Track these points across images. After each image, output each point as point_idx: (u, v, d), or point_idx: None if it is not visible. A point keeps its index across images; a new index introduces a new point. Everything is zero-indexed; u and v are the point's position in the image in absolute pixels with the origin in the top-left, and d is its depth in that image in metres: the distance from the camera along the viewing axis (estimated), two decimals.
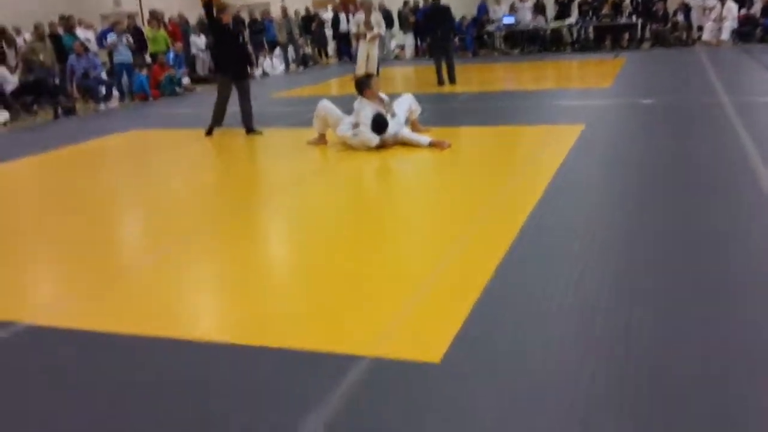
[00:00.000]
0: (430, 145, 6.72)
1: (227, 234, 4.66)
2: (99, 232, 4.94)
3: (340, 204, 5.41)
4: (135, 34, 14.09)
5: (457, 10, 18.21)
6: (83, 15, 15.67)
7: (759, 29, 15.95)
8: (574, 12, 17.68)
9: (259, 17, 17.69)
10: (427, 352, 2.74)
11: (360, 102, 6.98)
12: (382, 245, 4.24)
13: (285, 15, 17.88)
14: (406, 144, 6.87)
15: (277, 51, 17.63)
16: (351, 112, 7.08)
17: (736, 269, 3.40)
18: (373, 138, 6.75)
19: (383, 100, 7.08)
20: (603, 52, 16.39)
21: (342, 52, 18.84)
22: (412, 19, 18.41)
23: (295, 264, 4.17)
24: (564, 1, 17.80)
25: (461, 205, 4.92)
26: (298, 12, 19.00)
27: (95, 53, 13.69)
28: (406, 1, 19.07)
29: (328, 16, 19.55)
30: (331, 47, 19.98)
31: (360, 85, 7.12)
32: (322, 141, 7.34)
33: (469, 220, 4.48)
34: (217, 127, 8.53)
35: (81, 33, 14.07)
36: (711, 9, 15.79)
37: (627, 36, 17.01)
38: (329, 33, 19.29)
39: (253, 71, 8.56)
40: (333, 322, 3.13)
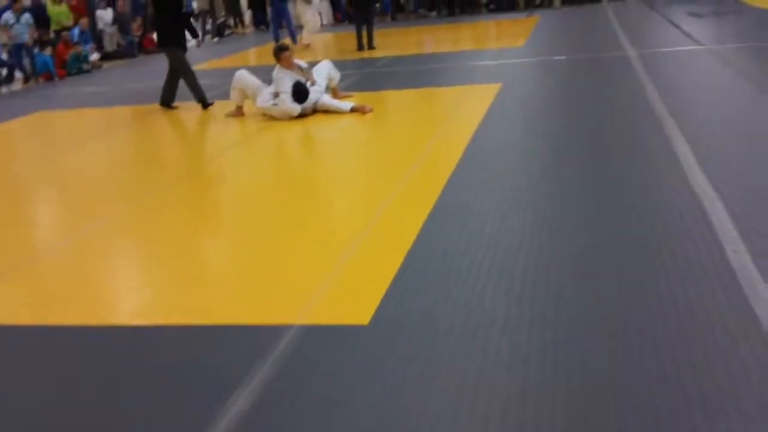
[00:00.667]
0: (352, 110, 6.71)
1: (145, 213, 4.54)
2: (9, 215, 4.73)
3: (263, 175, 5.35)
4: (37, 10, 13.33)
5: None
6: None
7: None
8: None
9: None
10: (355, 315, 2.77)
11: (278, 71, 6.87)
12: (307, 213, 4.23)
13: None
14: (328, 111, 6.83)
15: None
16: (271, 82, 6.97)
17: (642, 211, 3.57)
18: (294, 107, 6.68)
19: (302, 68, 6.99)
20: (517, 12, 16.64)
21: (259, 21, 18.40)
22: None
23: (219, 238, 4.11)
24: None
25: (385, 169, 4.95)
26: None
27: None
28: None
29: None
30: (247, 16, 19.47)
31: (277, 53, 7.00)
32: (240, 113, 7.18)
33: (393, 182, 4.52)
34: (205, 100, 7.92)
35: None
36: None
37: None
38: (244, 0, 18.78)
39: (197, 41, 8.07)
40: (261, 294, 3.12)
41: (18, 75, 12.52)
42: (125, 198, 4.92)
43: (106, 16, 15.48)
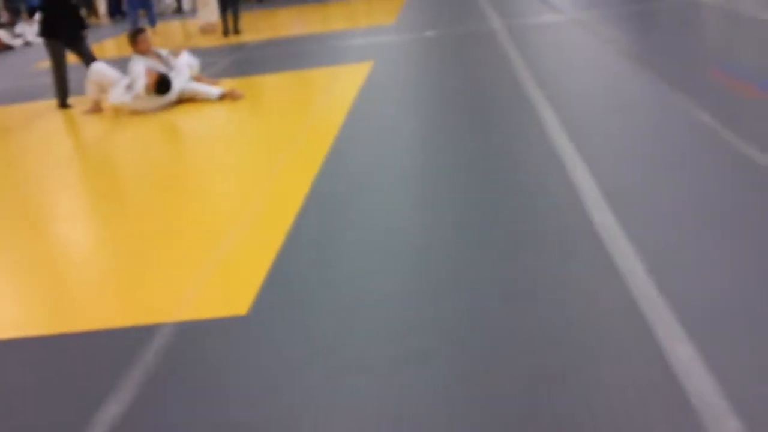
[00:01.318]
0: (222, 97, 6.49)
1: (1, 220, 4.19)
2: None
3: (127, 171, 5.08)
4: None
5: None
6: None
7: None
8: None
9: None
10: (233, 306, 2.68)
11: (133, 59, 6.51)
12: (178, 207, 4.05)
13: None
14: (195, 99, 6.57)
15: (38, 16, 15.84)
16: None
17: (519, 178, 3.67)
18: (156, 98, 6.36)
19: (160, 55, 6.66)
20: None
21: (114, 11, 17.44)
22: None
23: (85, 242, 3.85)
24: None
25: (259, 156, 4.83)
26: None
27: None
28: None
29: None
30: (102, 5, 18.39)
31: (132, 37, 6.63)
32: (97, 108, 6.72)
33: (267, 169, 4.40)
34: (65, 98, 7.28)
35: None
36: None
37: None
38: None
39: (85, 33, 7.31)
40: (134, 295, 2.95)
41: None
42: None
43: None
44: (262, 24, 12.67)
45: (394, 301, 2.56)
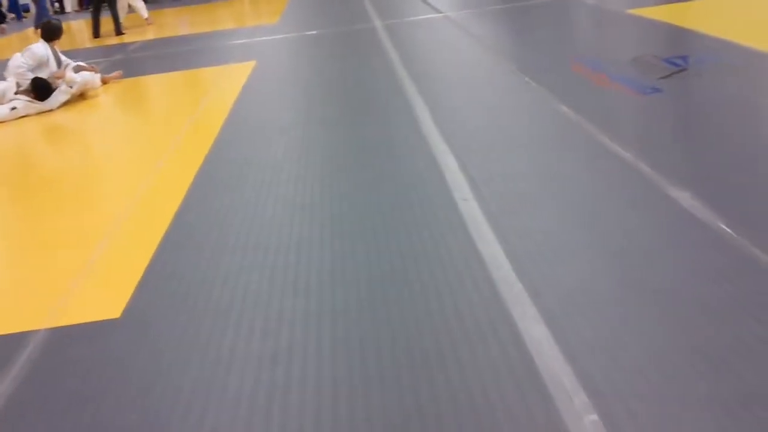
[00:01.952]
0: (103, 81, 6.45)
1: None
2: None
3: (3, 173, 4.86)
4: None
5: None
6: None
7: None
8: None
9: None
10: (106, 310, 2.67)
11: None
12: (52, 208, 3.93)
13: None
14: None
15: None
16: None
17: (391, 167, 3.82)
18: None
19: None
20: None
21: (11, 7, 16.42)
22: None
23: None
24: None
25: (138, 156, 4.76)
26: None
27: None
28: None
29: None
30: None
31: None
32: None
33: (146, 169, 4.35)
34: None
35: None
36: None
37: None
38: None
39: None
40: (4, 301, 2.88)
41: None
42: None
43: None
44: (145, 25, 12.30)
45: (269, 297, 2.62)
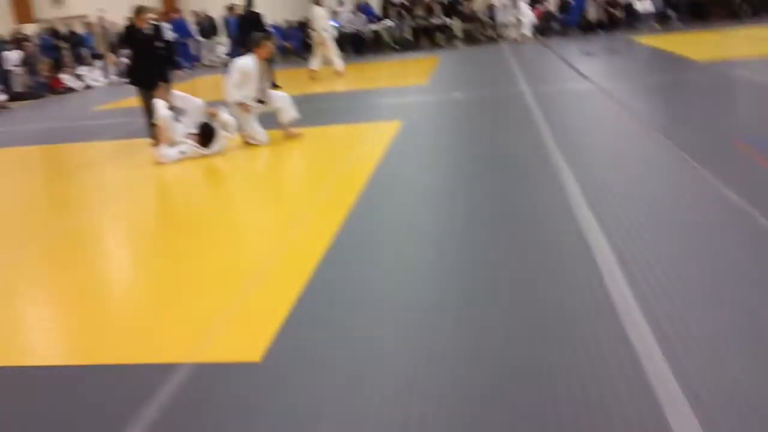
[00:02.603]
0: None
1: (42, 252, 4.38)
2: None
3: (165, 212, 5.28)
4: None
5: (284, 14, 18.31)
6: None
7: (556, 24, 17.50)
8: (392, 14, 18.33)
9: (78, 30, 16.87)
10: (247, 352, 2.76)
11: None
12: (205, 251, 4.17)
13: (103, 27, 16.99)
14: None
15: (99, 63, 16.79)
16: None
17: (536, 242, 3.72)
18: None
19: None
20: (420, 51, 17.15)
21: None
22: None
23: (117, 276, 4.02)
24: (382, 5, 18.44)
25: (286, 204, 5.01)
26: (115, 24, 18.03)
27: None
28: (230, 6, 18.71)
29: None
30: None
31: (255, 44, 7.03)
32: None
33: (293, 218, 4.54)
34: None
35: None
36: (509, 7, 17.13)
37: (440, 35, 17.96)
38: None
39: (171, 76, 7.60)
40: (154, 332, 3.07)
41: None
42: (25, 235, 4.72)
43: (12, 57, 15.02)
44: (300, 81, 13.06)
45: (401, 363, 2.60)
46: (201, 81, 14.35)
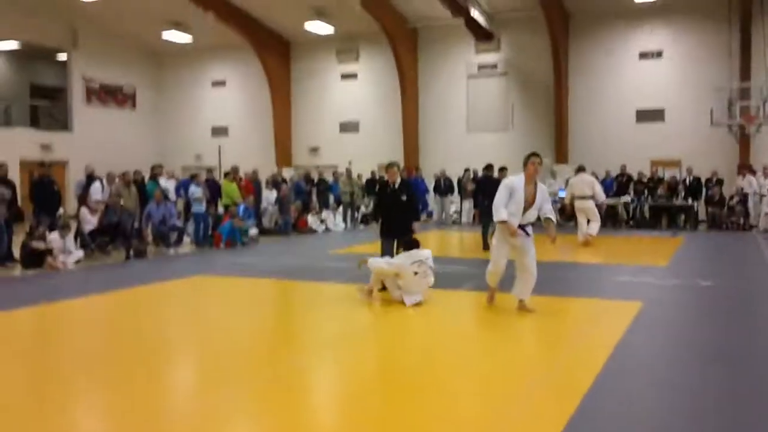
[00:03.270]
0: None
1: (272, 385, 4.75)
2: (146, 373, 5.10)
3: (380, 364, 5.47)
4: (210, 185, 15.09)
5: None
6: (167, 165, 17.02)
7: None
8: (630, 190, 18.06)
9: (328, 177, 19.15)
10: None
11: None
12: (424, 415, 4.22)
13: (349, 176, 18.93)
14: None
15: (340, 209, 18.57)
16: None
17: None
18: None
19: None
20: (658, 230, 16.51)
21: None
22: (470, 187, 19.11)
23: (334, 423, 4.19)
24: (621, 180, 18.27)
25: (516, 374, 4.92)
26: (361, 175, 20.00)
27: (174, 202, 14.66)
28: (466, 169, 19.92)
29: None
30: None
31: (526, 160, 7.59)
32: (369, 296, 7.69)
33: (522, 392, 4.47)
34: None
35: (163, 182, 15.09)
36: (764, 197, 16.07)
37: (683, 217, 17.24)
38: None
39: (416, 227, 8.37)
40: None
41: (186, 239, 13.93)
42: (261, 366, 5.18)
43: (270, 196, 17.22)
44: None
45: None
46: (431, 234, 15.09)
